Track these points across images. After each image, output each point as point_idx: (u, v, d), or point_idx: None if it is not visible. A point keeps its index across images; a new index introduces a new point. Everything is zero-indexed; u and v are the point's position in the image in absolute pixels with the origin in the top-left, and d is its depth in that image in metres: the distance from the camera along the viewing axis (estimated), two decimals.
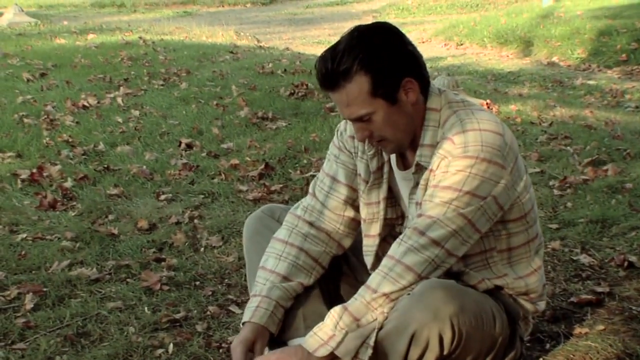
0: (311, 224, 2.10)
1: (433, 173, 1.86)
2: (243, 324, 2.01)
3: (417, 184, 1.94)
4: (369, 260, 2.11)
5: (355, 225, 2.13)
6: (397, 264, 1.81)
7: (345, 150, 2.09)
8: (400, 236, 1.85)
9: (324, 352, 1.80)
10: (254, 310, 2.00)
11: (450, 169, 1.82)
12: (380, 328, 1.80)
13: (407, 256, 1.81)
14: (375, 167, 2.02)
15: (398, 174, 2.03)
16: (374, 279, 1.83)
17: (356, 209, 2.11)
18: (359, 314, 1.80)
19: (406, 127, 1.90)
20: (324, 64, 1.84)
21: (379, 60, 1.82)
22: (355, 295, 1.84)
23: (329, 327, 1.81)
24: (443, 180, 1.82)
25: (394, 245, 1.85)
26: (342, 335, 1.79)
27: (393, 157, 2.03)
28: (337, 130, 2.13)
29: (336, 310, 1.83)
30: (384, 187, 2.04)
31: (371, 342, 1.79)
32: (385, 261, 1.84)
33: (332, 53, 1.83)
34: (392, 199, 2.06)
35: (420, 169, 1.92)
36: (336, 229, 2.11)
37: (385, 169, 2.03)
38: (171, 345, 2.49)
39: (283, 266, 2.05)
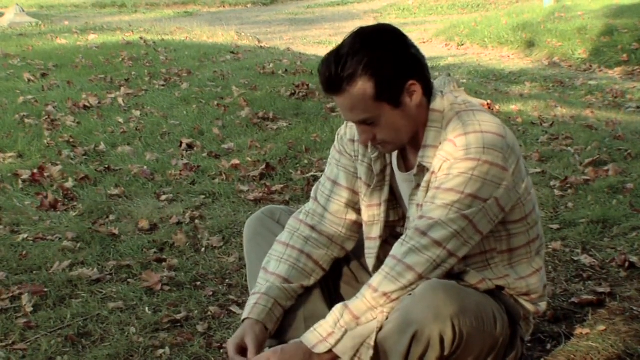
0: (313, 228, 2.11)
1: (435, 175, 1.86)
2: (242, 321, 2.02)
3: (418, 185, 1.94)
4: (370, 262, 2.11)
5: (357, 228, 2.13)
6: (398, 263, 1.82)
7: (345, 154, 2.10)
8: (402, 236, 1.86)
9: (322, 348, 1.81)
10: (252, 306, 2.01)
11: (453, 171, 1.82)
12: (381, 328, 1.80)
13: (409, 256, 1.81)
14: (379, 169, 2.02)
15: (399, 175, 2.03)
16: (375, 278, 1.84)
17: (358, 212, 2.11)
18: (359, 313, 1.81)
19: (408, 129, 1.90)
20: (328, 68, 1.83)
21: (383, 64, 1.81)
22: (357, 294, 1.85)
23: (329, 324, 1.82)
24: (445, 182, 1.82)
25: (396, 246, 1.85)
26: (341, 333, 1.80)
27: (394, 159, 2.03)
28: (338, 135, 2.13)
29: (337, 308, 1.84)
30: (386, 189, 2.04)
31: (371, 342, 1.80)
32: (387, 261, 1.85)
33: (336, 57, 1.82)
34: (394, 201, 2.07)
35: (422, 170, 1.92)
36: (338, 233, 2.12)
37: (387, 171, 2.04)
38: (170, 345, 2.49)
39: (284, 268, 2.06)
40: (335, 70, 1.81)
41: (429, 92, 1.91)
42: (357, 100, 1.82)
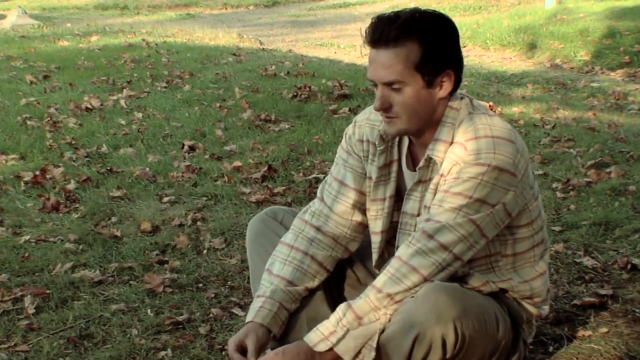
0: (318, 229, 2.10)
1: (444, 178, 1.87)
2: (246, 324, 2.01)
3: (419, 181, 1.95)
4: (374, 257, 2.12)
5: (362, 229, 2.13)
6: (403, 265, 1.82)
7: (353, 154, 2.10)
8: (409, 238, 1.86)
9: (323, 347, 1.81)
10: (258, 310, 2.01)
11: (462, 175, 1.82)
12: (383, 330, 1.81)
13: (415, 258, 1.82)
14: (382, 163, 2.02)
15: (408, 175, 2.03)
16: (380, 279, 1.84)
17: (363, 212, 2.11)
18: (362, 313, 1.82)
19: (424, 115, 1.91)
20: (384, 21, 1.86)
21: (436, 41, 1.86)
22: (361, 294, 1.86)
23: (332, 323, 1.83)
24: (454, 186, 1.83)
25: (402, 247, 1.86)
26: (343, 332, 1.81)
27: (403, 157, 2.03)
28: (345, 134, 2.13)
29: (341, 307, 1.85)
30: (392, 185, 2.04)
31: (374, 344, 1.80)
32: (392, 262, 1.85)
33: (393, 16, 1.86)
34: (400, 202, 2.06)
35: (428, 164, 1.92)
36: (343, 233, 2.12)
37: (394, 167, 2.04)
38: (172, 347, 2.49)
39: (288, 270, 2.06)
40: (390, 26, 1.84)
41: (454, 91, 1.93)
42: (398, 60, 1.84)
